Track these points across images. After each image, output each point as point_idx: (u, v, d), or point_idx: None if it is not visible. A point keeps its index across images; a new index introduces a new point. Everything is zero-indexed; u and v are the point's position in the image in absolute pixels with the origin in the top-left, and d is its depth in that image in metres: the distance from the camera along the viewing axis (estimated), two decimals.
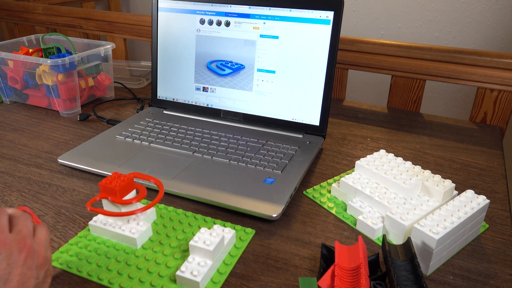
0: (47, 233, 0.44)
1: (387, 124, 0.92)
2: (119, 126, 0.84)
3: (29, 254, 0.39)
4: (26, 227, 0.42)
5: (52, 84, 0.90)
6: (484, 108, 0.94)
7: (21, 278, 0.38)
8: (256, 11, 0.79)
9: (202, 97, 0.87)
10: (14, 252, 0.38)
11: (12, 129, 0.87)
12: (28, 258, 0.39)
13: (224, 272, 0.50)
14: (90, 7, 1.73)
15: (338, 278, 0.43)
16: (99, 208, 0.53)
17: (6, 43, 1.02)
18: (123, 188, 0.53)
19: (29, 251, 0.39)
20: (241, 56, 0.82)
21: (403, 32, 1.47)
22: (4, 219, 0.41)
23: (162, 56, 0.89)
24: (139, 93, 1.08)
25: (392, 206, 0.56)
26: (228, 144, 0.76)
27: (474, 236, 0.57)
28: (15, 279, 0.37)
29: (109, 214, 0.52)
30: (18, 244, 0.39)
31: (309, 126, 0.80)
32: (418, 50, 0.94)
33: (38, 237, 0.43)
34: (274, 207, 0.59)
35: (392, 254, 0.47)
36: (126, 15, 1.25)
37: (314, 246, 0.55)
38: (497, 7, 1.32)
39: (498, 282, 0.50)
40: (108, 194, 0.53)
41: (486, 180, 0.71)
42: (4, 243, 0.38)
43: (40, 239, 0.43)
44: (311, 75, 0.77)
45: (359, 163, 0.64)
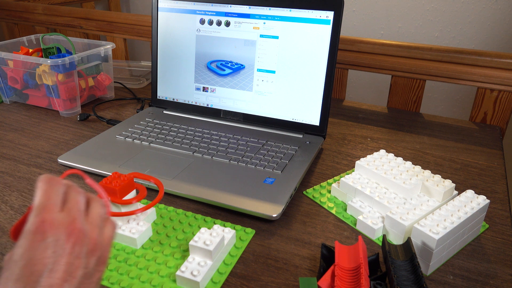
0: (102, 209, 0.39)
1: (387, 124, 0.92)
2: (119, 126, 0.84)
3: (78, 240, 0.34)
4: (77, 204, 0.37)
5: (52, 84, 0.90)
6: (484, 108, 0.94)
7: (67, 268, 0.33)
8: (256, 11, 0.79)
9: (202, 97, 0.87)
10: (62, 238, 0.34)
11: (12, 129, 0.87)
12: (77, 245, 0.34)
13: (224, 272, 0.50)
14: (90, 7, 1.73)
15: (338, 278, 0.43)
16: None
17: (6, 43, 1.02)
18: (123, 188, 0.53)
19: (78, 237, 0.34)
20: (241, 56, 0.82)
21: (403, 32, 1.47)
22: (59, 197, 0.36)
23: (162, 56, 0.89)
24: (139, 93, 1.08)
25: (392, 206, 0.56)
26: (228, 144, 0.76)
27: (474, 236, 0.57)
28: (60, 269, 0.33)
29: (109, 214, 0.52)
30: (66, 227, 0.34)
31: (309, 126, 0.80)
32: (418, 50, 0.94)
33: (91, 215, 0.37)
34: (274, 207, 0.59)
35: (392, 254, 0.47)
36: (126, 15, 1.25)
37: (314, 246, 0.55)
38: (497, 7, 1.32)
39: (498, 282, 0.50)
40: (108, 194, 0.53)
41: (486, 180, 0.71)
42: (51, 225, 0.34)
43: (93, 217, 0.37)
44: (311, 75, 0.77)
45: (359, 163, 0.64)
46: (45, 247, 0.33)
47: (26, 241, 0.33)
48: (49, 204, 0.35)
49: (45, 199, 0.35)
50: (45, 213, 0.34)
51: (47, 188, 0.36)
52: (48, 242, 0.33)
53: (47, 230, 0.33)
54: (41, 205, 0.35)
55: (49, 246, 0.33)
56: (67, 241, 0.34)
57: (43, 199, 0.35)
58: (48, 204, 0.35)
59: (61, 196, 0.37)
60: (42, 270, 0.32)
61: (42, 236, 0.33)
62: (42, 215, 0.34)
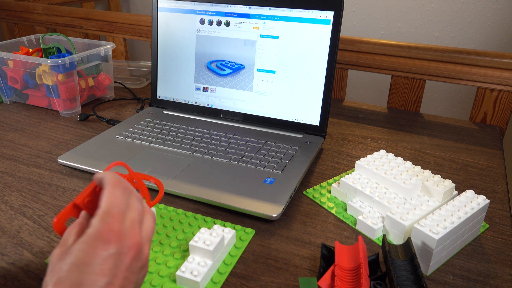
0: (153, 223, 0.37)
1: (387, 124, 0.92)
2: (119, 126, 0.84)
3: (136, 255, 0.33)
4: (137, 213, 0.35)
5: (52, 84, 0.90)
6: (484, 108, 0.94)
7: (123, 282, 0.32)
8: (256, 11, 0.79)
9: (202, 97, 0.87)
10: (124, 251, 0.32)
11: (12, 129, 0.87)
12: (134, 260, 0.33)
13: (224, 272, 0.50)
14: (90, 7, 1.73)
15: (338, 278, 0.43)
16: None
17: (6, 43, 1.02)
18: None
19: (136, 251, 0.33)
20: (241, 56, 0.82)
21: (403, 32, 1.47)
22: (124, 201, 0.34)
23: (162, 56, 0.89)
24: (139, 93, 1.08)
25: (392, 206, 0.56)
26: (228, 144, 0.76)
27: (474, 236, 0.57)
28: (117, 283, 0.31)
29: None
30: (129, 240, 0.33)
31: (309, 126, 0.80)
32: (418, 50, 0.94)
33: (145, 229, 0.36)
34: (274, 207, 0.59)
35: (392, 254, 0.47)
36: (126, 15, 1.25)
37: (314, 246, 0.55)
38: (497, 7, 1.32)
39: (498, 282, 0.50)
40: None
41: (486, 180, 0.71)
42: (117, 236, 0.32)
43: (147, 232, 0.36)
44: (311, 75, 0.77)
45: (359, 163, 0.64)
46: (106, 257, 0.31)
47: (87, 246, 0.32)
48: (116, 212, 0.34)
49: (113, 206, 0.34)
50: (113, 222, 0.33)
51: (115, 192, 0.35)
52: (111, 253, 0.32)
53: (112, 240, 0.32)
54: (108, 212, 0.33)
55: (111, 257, 0.32)
56: (127, 254, 0.32)
57: (111, 205, 0.34)
58: (115, 212, 0.34)
59: (126, 202, 0.35)
60: (100, 280, 0.31)
61: (107, 245, 0.32)
62: (109, 223, 0.33)
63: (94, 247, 0.31)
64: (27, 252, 0.53)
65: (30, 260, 0.52)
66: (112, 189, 0.35)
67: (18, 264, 0.51)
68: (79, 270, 0.30)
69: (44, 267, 0.51)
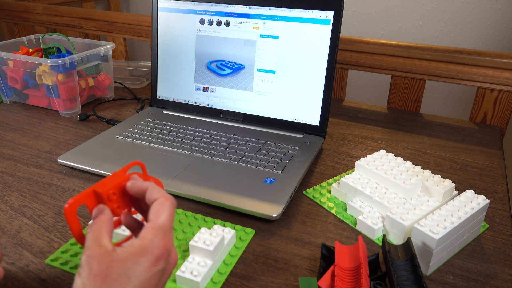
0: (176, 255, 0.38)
1: (387, 124, 0.92)
2: (119, 126, 0.84)
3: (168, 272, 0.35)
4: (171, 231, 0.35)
5: (52, 84, 0.90)
6: (484, 108, 0.94)
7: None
8: (256, 11, 0.79)
9: (202, 97, 0.87)
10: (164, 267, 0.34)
11: (12, 129, 0.87)
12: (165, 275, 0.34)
13: (224, 272, 0.50)
14: (90, 7, 1.73)
15: (338, 278, 0.43)
16: None
17: (6, 43, 1.02)
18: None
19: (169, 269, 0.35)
20: (241, 56, 0.82)
21: (403, 32, 1.47)
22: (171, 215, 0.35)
23: (162, 56, 0.89)
24: (139, 93, 1.08)
25: (392, 206, 0.56)
26: (228, 144, 0.76)
27: (474, 236, 0.57)
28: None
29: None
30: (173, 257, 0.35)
31: (309, 126, 0.80)
32: (418, 50, 0.94)
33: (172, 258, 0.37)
34: (274, 207, 0.59)
35: (392, 254, 0.47)
36: (126, 15, 1.25)
37: (314, 246, 0.55)
38: (497, 7, 1.32)
39: (498, 282, 0.50)
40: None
41: (486, 180, 0.71)
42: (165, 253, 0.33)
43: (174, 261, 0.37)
44: (311, 75, 0.77)
45: (359, 163, 0.64)
46: (156, 273, 0.33)
47: (144, 260, 0.32)
48: (170, 230, 0.35)
49: (169, 222, 0.35)
50: (168, 240, 0.34)
51: (172, 212, 0.36)
52: (159, 269, 0.33)
53: (163, 258, 0.33)
54: (165, 228, 0.34)
55: (158, 273, 0.33)
56: (168, 270, 0.34)
57: (169, 222, 0.35)
58: (170, 230, 0.35)
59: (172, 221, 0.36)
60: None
61: (159, 262, 0.33)
62: (166, 242, 0.34)
63: (149, 261, 0.32)
64: (27, 252, 0.53)
65: (30, 260, 0.52)
66: (170, 206, 0.36)
67: (18, 264, 0.51)
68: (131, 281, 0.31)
69: (44, 267, 0.51)
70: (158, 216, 0.35)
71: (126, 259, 0.32)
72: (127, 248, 0.33)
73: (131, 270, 0.31)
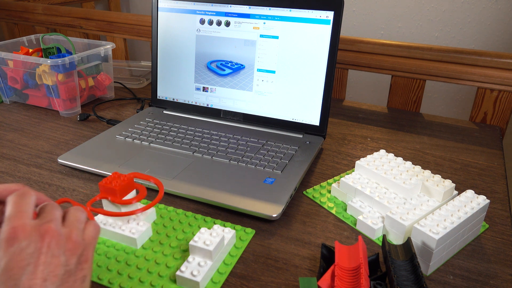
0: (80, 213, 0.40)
1: (387, 124, 0.92)
2: (119, 126, 0.84)
3: (53, 240, 0.36)
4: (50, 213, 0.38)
5: (52, 84, 0.90)
6: (484, 108, 0.94)
7: (45, 267, 0.34)
8: (256, 11, 0.79)
9: (202, 97, 0.87)
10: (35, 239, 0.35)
11: (12, 129, 0.87)
12: (52, 244, 0.35)
13: (224, 272, 0.50)
14: (90, 7, 1.73)
15: (338, 278, 0.43)
16: (99, 208, 0.53)
17: (6, 43, 1.02)
18: (123, 188, 0.53)
19: (52, 236, 0.36)
20: (241, 56, 0.82)
21: (403, 32, 1.47)
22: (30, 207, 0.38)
23: (162, 56, 0.89)
24: (139, 93, 1.08)
25: (392, 206, 0.56)
26: (228, 144, 0.76)
27: (474, 236, 0.57)
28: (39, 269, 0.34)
29: (109, 214, 0.52)
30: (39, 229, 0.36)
31: (309, 126, 0.80)
32: (418, 50, 0.94)
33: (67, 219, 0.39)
34: (274, 207, 0.59)
35: (392, 254, 0.47)
36: (126, 15, 1.25)
37: (314, 246, 0.55)
38: (497, 7, 1.32)
39: (498, 282, 0.50)
40: (108, 194, 0.53)
41: (486, 180, 0.71)
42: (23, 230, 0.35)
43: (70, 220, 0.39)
44: (311, 75, 0.77)
45: (359, 163, 0.64)
46: (20, 251, 0.34)
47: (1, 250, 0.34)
48: (19, 213, 0.37)
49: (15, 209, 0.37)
50: (16, 221, 0.36)
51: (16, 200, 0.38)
52: (22, 246, 0.34)
53: (19, 235, 0.35)
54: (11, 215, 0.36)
55: (23, 249, 0.34)
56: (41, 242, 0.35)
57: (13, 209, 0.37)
58: (18, 213, 0.37)
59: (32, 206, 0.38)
60: (20, 273, 0.33)
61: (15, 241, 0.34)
62: (12, 223, 0.36)
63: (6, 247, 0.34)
64: None
65: None
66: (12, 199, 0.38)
67: None
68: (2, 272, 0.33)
69: None
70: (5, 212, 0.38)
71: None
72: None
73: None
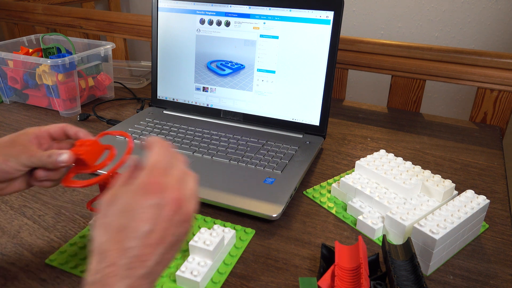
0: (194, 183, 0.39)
1: (387, 124, 0.92)
2: (119, 126, 0.84)
3: (178, 209, 0.35)
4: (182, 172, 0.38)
5: (52, 84, 0.90)
6: (484, 108, 0.94)
7: (163, 232, 0.34)
8: (256, 11, 0.79)
9: (202, 97, 0.87)
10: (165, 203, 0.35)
11: (12, 129, 0.87)
12: (176, 214, 0.35)
13: (224, 272, 0.50)
14: (90, 7, 1.73)
15: (338, 278, 0.43)
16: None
17: (6, 43, 1.02)
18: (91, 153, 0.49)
19: (178, 205, 0.35)
20: (241, 56, 0.82)
21: (403, 32, 1.47)
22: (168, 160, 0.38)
23: (162, 56, 0.89)
24: (139, 93, 1.08)
25: (392, 206, 0.56)
26: (228, 144, 0.76)
27: (474, 236, 0.57)
28: (158, 232, 0.34)
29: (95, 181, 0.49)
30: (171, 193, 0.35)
31: (309, 126, 0.80)
32: (418, 50, 0.94)
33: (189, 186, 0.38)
34: (274, 207, 0.59)
35: (392, 254, 0.47)
36: (126, 15, 1.25)
37: (314, 246, 0.55)
38: (497, 7, 1.32)
39: (498, 282, 0.50)
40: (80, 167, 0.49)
41: (486, 180, 0.71)
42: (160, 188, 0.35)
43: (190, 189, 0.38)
44: (311, 75, 0.77)
45: (359, 163, 0.64)
46: (148, 207, 0.34)
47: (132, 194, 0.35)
48: (161, 167, 0.37)
49: (158, 162, 0.37)
50: (157, 175, 0.36)
51: (160, 152, 0.38)
52: (153, 204, 0.34)
53: (155, 192, 0.35)
54: (154, 166, 0.37)
55: (152, 207, 0.34)
56: (168, 208, 0.35)
57: (156, 161, 0.37)
58: (160, 167, 0.37)
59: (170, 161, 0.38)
60: (142, 226, 0.33)
61: (150, 196, 0.34)
62: (154, 176, 0.36)
63: (138, 196, 0.34)
64: (27, 252, 0.53)
65: (30, 260, 0.52)
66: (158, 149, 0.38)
67: (18, 264, 0.51)
68: (124, 215, 0.34)
69: (44, 267, 0.51)
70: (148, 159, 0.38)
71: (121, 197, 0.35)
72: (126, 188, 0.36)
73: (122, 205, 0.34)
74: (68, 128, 0.49)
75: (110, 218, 0.34)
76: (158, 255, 0.34)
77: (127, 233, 0.33)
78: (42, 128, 0.48)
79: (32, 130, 0.48)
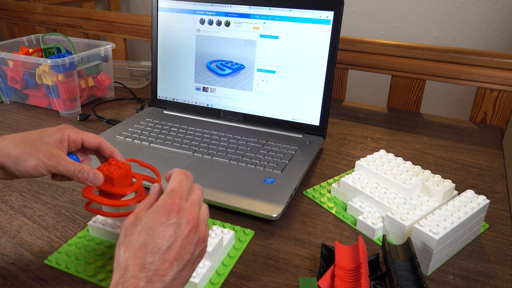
0: (207, 210, 0.44)
1: (387, 124, 0.92)
2: (119, 126, 0.84)
3: (194, 228, 0.39)
4: (199, 198, 0.42)
5: (52, 84, 0.90)
6: (484, 108, 0.94)
7: (180, 250, 0.38)
8: (256, 11, 0.79)
9: (202, 97, 0.87)
10: (183, 222, 0.38)
11: (12, 129, 0.87)
12: (192, 232, 0.39)
13: (222, 273, 0.50)
14: (90, 7, 1.73)
15: (338, 278, 0.43)
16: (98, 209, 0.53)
17: (6, 43, 1.02)
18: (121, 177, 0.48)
19: (194, 225, 0.39)
20: (241, 56, 0.82)
21: (403, 32, 1.47)
22: (188, 187, 0.42)
23: (162, 56, 0.89)
24: (139, 93, 1.08)
25: (392, 206, 0.56)
26: (228, 144, 0.76)
27: (474, 236, 0.57)
28: (175, 249, 0.37)
29: (107, 215, 0.52)
30: (188, 215, 0.39)
31: (309, 126, 0.80)
32: (418, 50, 0.94)
33: (203, 212, 0.42)
34: (274, 207, 0.59)
35: (392, 254, 0.47)
36: (126, 15, 1.25)
37: (314, 246, 0.55)
38: (497, 7, 1.32)
39: (498, 282, 0.50)
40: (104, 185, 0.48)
41: (486, 180, 0.71)
42: (179, 209, 0.39)
43: (205, 215, 0.42)
44: (311, 75, 0.77)
45: (359, 163, 0.64)
46: (168, 225, 0.38)
47: (154, 214, 0.38)
48: (181, 192, 0.41)
49: (179, 187, 0.41)
50: (176, 198, 0.40)
51: (182, 179, 0.42)
52: (172, 223, 0.38)
53: (174, 212, 0.38)
54: (175, 190, 0.41)
55: (172, 226, 0.38)
56: (186, 226, 0.38)
57: (178, 186, 0.41)
58: (180, 191, 0.41)
59: (189, 188, 0.42)
60: (162, 244, 0.37)
61: (169, 216, 0.38)
62: (174, 198, 0.40)
63: (159, 216, 0.38)
64: (27, 252, 0.53)
65: (30, 260, 0.52)
66: (178, 175, 0.43)
67: (18, 264, 0.51)
68: (146, 233, 0.37)
69: (44, 267, 0.51)
70: (169, 183, 0.42)
71: (144, 217, 0.39)
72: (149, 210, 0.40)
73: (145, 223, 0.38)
74: (104, 145, 0.50)
75: (132, 237, 0.38)
76: (175, 271, 0.37)
77: (147, 249, 0.36)
78: (79, 134, 0.49)
79: (68, 131, 0.48)
